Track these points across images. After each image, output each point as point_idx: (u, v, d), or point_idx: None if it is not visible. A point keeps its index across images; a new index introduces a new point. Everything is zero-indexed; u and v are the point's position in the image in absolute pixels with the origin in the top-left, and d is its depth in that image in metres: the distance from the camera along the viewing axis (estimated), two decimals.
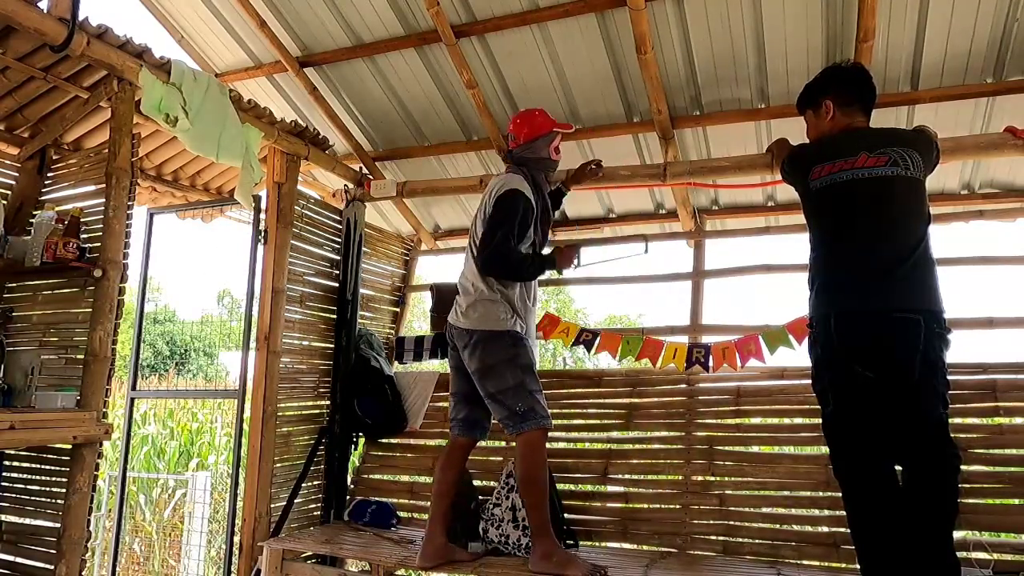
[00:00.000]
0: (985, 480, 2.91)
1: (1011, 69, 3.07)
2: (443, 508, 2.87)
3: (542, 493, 2.70)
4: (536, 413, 2.70)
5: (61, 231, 2.84)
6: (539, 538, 2.68)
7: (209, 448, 7.74)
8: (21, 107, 3.23)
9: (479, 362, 2.76)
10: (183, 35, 4.09)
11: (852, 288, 2.33)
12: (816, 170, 2.46)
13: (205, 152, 3.02)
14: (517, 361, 2.75)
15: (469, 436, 2.92)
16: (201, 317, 17.94)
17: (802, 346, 3.27)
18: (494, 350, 2.75)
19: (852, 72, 2.62)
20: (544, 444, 2.75)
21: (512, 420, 2.71)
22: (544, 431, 2.72)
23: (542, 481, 2.70)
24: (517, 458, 2.76)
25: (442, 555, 2.81)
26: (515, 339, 2.78)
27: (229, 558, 3.50)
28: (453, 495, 2.92)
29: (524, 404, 2.70)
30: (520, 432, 2.69)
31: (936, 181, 3.72)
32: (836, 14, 3.03)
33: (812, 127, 2.67)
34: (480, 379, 2.78)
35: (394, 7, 3.48)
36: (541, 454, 2.73)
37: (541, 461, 2.72)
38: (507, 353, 2.75)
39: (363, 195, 4.06)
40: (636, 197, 4.22)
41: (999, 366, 3.16)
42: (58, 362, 3.00)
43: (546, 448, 2.78)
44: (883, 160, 2.35)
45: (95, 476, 2.67)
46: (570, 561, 2.63)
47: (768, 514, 3.12)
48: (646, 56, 3.19)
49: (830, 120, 2.57)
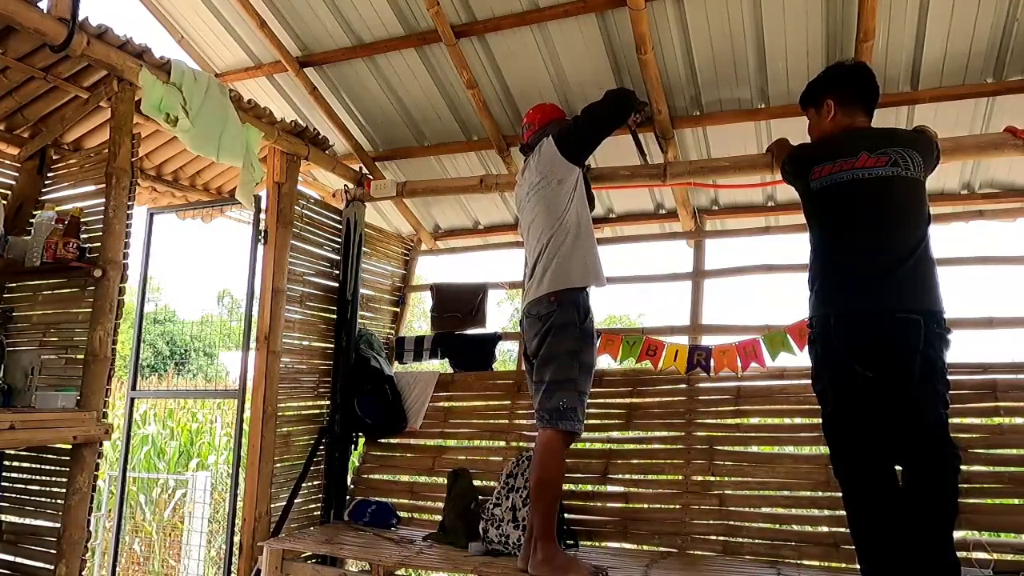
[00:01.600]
0: (985, 480, 2.91)
1: (1011, 69, 3.07)
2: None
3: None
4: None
5: (61, 231, 2.84)
6: (541, 540, 2.64)
7: (209, 448, 7.74)
8: (21, 107, 3.23)
9: None
10: (183, 35, 4.09)
11: (852, 288, 2.33)
12: (816, 170, 2.46)
13: (205, 152, 3.02)
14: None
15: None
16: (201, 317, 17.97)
17: (803, 351, 3.27)
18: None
19: (855, 71, 2.61)
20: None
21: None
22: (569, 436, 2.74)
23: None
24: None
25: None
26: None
27: (229, 558, 3.50)
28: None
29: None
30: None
31: (936, 181, 3.72)
32: (836, 14, 3.03)
33: (814, 126, 2.67)
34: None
35: (394, 7, 3.48)
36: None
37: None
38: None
39: (363, 195, 4.06)
40: (636, 197, 4.22)
41: (999, 366, 3.16)
42: (58, 362, 3.00)
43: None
44: (883, 160, 2.36)
45: (95, 476, 2.67)
46: (571, 565, 2.61)
47: (768, 514, 3.12)
48: (646, 56, 3.19)
49: (831, 119, 2.57)
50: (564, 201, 2.86)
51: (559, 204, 2.86)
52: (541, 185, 2.93)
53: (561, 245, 2.81)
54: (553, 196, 2.88)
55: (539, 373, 2.79)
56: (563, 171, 2.89)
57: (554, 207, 2.86)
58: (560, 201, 2.86)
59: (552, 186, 2.89)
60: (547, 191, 2.90)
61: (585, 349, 2.76)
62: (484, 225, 4.75)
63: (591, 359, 2.80)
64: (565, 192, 2.87)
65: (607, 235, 4.48)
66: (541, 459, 2.68)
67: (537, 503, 2.68)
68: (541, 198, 2.91)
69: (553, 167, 2.91)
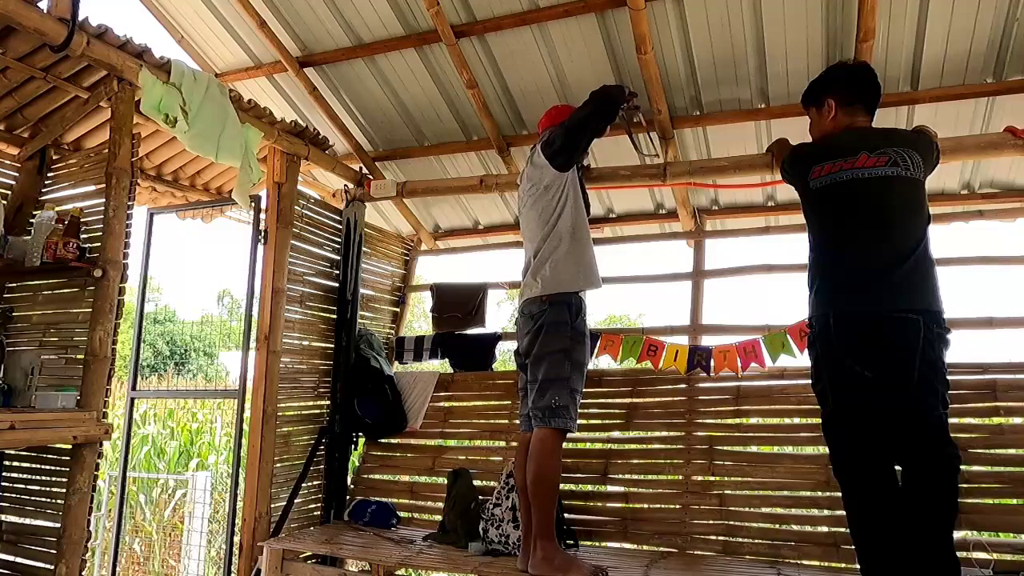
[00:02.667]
0: (985, 480, 2.91)
1: (1011, 69, 3.07)
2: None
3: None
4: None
5: (61, 231, 2.84)
6: (541, 539, 2.65)
7: (209, 448, 7.74)
8: (21, 107, 3.23)
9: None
10: (183, 35, 4.09)
11: (852, 288, 2.34)
12: (816, 169, 2.46)
13: (204, 152, 3.02)
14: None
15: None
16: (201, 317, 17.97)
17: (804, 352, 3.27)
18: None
19: (857, 71, 2.61)
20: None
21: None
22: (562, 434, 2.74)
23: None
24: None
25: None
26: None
27: (229, 558, 3.50)
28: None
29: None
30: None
31: (936, 181, 3.72)
32: (836, 14, 3.03)
33: (815, 125, 2.67)
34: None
35: (394, 7, 3.48)
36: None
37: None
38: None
39: (363, 195, 4.06)
40: (636, 197, 4.22)
41: (999, 366, 3.16)
42: (58, 362, 3.00)
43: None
44: (883, 160, 2.36)
45: (95, 476, 2.67)
46: (571, 564, 2.62)
47: (768, 514, 3.12)
48: (646, 56, 3.19)
49: (832, 119, 2.57)
50: (555, 206, 2.88)
51: (549, 209, 2.88)
52: (532, 191, 2.96)
53: (554, 250, 2.83)
54: (543, 202, 2.90)
55: (532, 372, 2.81)
56: (549, 177, 2.90)
57: (545, 212, 2.89)
58: (550, 206, 2.88)
59: (540, 191, 2.92)
60: (537, 197, 2.93)
61: (577, 347, 2.76)
62: (484, 225, 4.75)
63: (583, 357, 2.80)
64: (554, 197, 2.89)
65: (607, 235, 4.49)
66: (537, 458, 2.68)
67: (535, 501, 2.68)
68: (533, 204, 2.94)
69: (541, 173, 2.93)
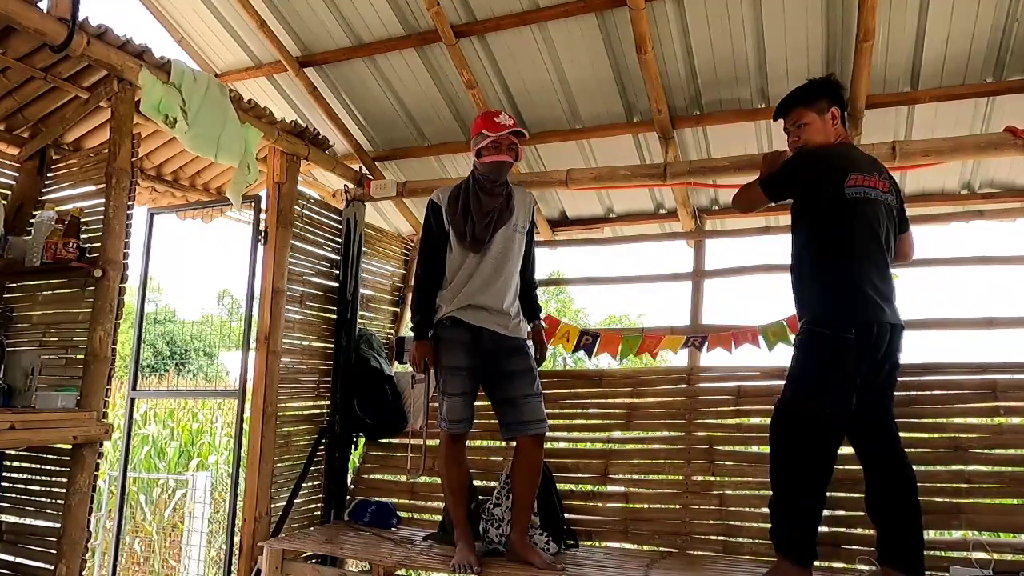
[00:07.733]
0: (985, 480, 2.91)
1: (1011, 69, 3.07)
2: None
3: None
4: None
5: (61, 231, 2.84)
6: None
7: (209, 448, 7.75)
8: (21, 107, 3.23)
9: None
10: (183, 35, 4.09)
11: (875, 302, 2.45)
12: (854, 177, 2.51)
13: (204, 153, 3.02)
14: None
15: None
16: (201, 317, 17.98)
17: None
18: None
19: (843, 90, 2.73)
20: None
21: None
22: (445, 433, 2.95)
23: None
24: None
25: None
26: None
27: (229, 558, 3.50)
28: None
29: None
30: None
31: (936, 181, 3.72)
32: (836, 14, 3.03)
33: (817, 130, 2.64)
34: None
35: (394, 7, 3.48)
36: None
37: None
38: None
39: (363, 195, 4.06)
40: (636, 197, 4.22)
41: (999, 366, 3.15)
42: (58, 362, 3.00)
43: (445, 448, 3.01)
44: (886, 186, 2.55)
45: (95, 476, 2.67)
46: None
47: (768, 514, 3.11)
48: (646, 56, 3.19)
49: (835, 128, 2.61)
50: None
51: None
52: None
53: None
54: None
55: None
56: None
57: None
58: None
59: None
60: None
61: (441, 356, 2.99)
62: None
63: (447, 362, 2.96)
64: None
65: (607, 235, 4.49)
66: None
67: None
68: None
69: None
